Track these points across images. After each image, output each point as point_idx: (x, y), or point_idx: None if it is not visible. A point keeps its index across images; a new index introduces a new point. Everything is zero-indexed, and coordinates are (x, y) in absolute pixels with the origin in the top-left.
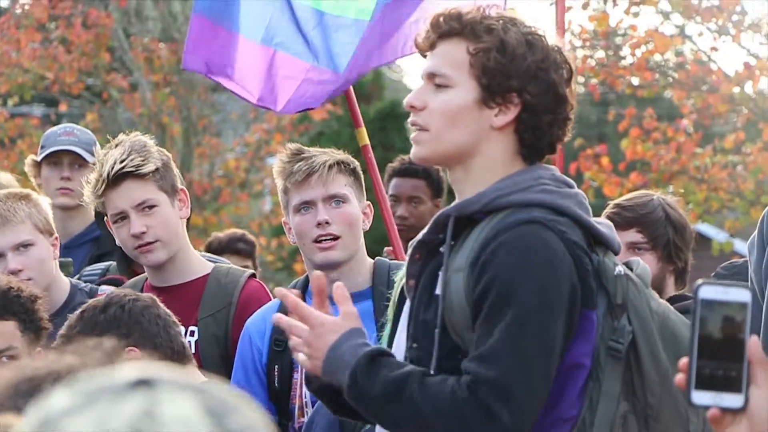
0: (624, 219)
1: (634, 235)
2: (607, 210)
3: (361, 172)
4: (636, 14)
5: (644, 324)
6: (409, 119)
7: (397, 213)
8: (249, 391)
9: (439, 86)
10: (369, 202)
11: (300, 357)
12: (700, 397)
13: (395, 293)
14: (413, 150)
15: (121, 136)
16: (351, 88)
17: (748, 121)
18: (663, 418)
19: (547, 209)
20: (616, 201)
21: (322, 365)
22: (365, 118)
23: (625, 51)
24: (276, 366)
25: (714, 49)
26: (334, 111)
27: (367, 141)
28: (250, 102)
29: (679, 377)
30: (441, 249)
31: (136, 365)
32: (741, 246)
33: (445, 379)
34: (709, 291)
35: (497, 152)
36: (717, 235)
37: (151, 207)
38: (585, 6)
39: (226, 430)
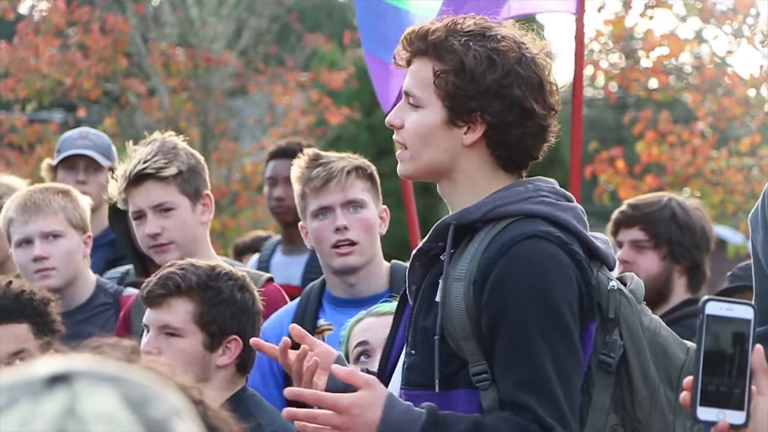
0: (628, 217)
1: (637, 233)
2: (618, 209)
3: (377, 177)
4: (651, 17)
5: (635, 339)
6: (393, 137)
7: (274, 194)
8: (265, 393)
9: (412, 105)
10: (385, 206)
11: None
12: (705, 413)
13: (399, 299)
14: (398, 167)
15: (156, 134)
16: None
17: (764, 124)
18: (688, 411)
19: (547, 221)
20: (629, 201)
21: None
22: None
23: (640, 54)
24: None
25: (729, 52)
26: (351, 115)
27: None
28: None
29: (684, 395)
30: (441, 257)
31: (50, 358)
32: None
33: (505, 421)
34: (714, 307)
35: (475, 168)
36: (733, 237)
37: (168, 209)
38: (600, 9)
39: (149, 419)
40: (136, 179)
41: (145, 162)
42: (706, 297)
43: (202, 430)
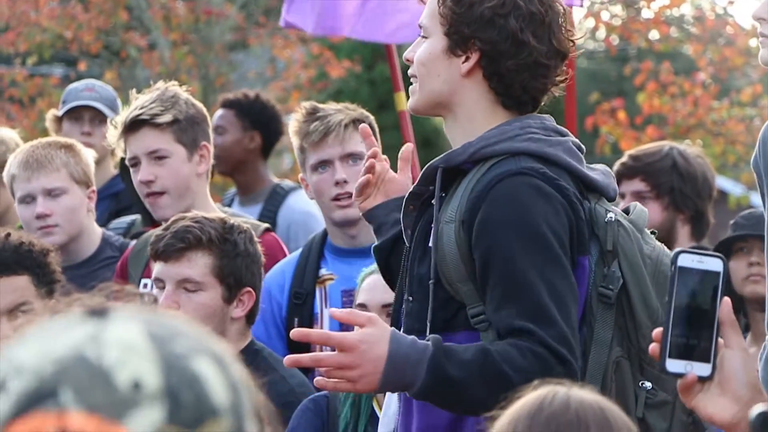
0: (629, 169)
1: (638, 184)
2: (619, 161)
3: (376, 128)
4: None
5: (635, 269)
6: (408, 72)
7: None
8: (268, 344)
9: (423, 37)
10: (385, 156)
11: (342, 386)
12: (673, 365)
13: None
14: (408, 102)
15: (160, 83)
16: (394, 47)
17: (765, 74)
18: (657, 363)
19: (534, 157)
20: (629, 152)
21: (381, 378)
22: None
23: (641, 5)
24: (296, 319)
25: (731, 2)
26: (352, 68)
27: (405, 107)
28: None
29: (653, 346)
30: (432, 201)
31: (93, 301)
32: (758, 199)
33: (511, 346)
34: (685, 260)
35: (473, 101)
36: (734, 188)
37: (162, 157)
38: None
39: (170, 352)
40: (132, 125)
41: (141, 108)
42: (678, 249)
43: (227, 375)
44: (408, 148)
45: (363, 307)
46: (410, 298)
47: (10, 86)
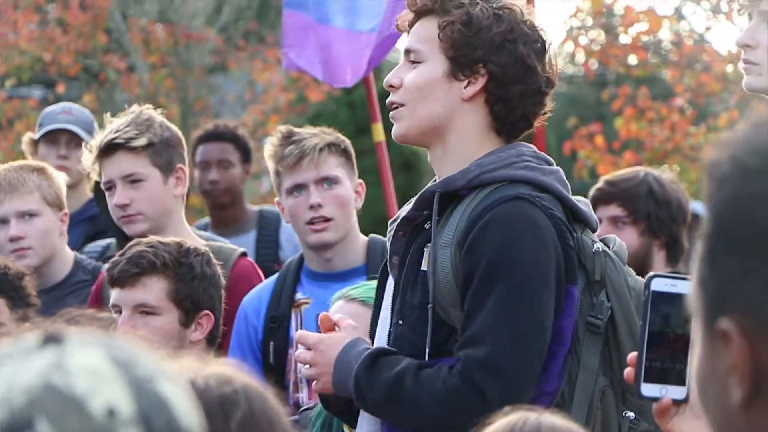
0: (606, 194)
1: (614, 210)
2: (595, 186)
3: (352, 151)
4: None
5: (622, 300)
6: (387, 99)
7: (208, 178)
8: (244, 368)
9: (413, 62)
10: (361, 181)
11: (315, 386)
12: (648, 389)
13: (379, 273)
14: (393, 129)
15: (135, 107)
16: (372, 78)
17: (742, 100)
18: (631, 387)
19: (531, 185)
20: (605, 177)
21: (331, 380)
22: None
23: (619, 30)
24: (271, 342)
25: (708, 28)
26: (331, 92)
27: (382, 138)
28: (335, 83)
29: (628, 371)
30: (426, 226)
31: (46, 327)
32: None
33: (439, 369)
34: (659, 283)
35: (470, 125)
36: None
37: (138, 180)
38: None
39: (134, 376)
40: (107, 149)
41: (116, 132)
42: (651, 273)
43: (187, 393)
44: (323, 316)
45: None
46: (400, 322)
47: None
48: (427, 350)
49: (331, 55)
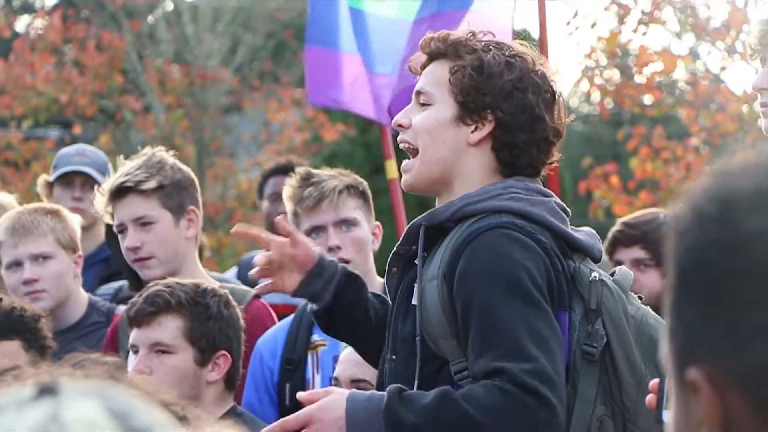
0: (628, 237)
1: (637, 252)
2: (614, 228)
3: (369, 193)
4: (644, 33)
5: (619, 328)
6: (398, 138)
7: (279, 210)
8: (260, 410)
9: (423, 104)
10: (378, 222)
11: None
12: (669, 416)
13: None
14: (402, 180)
15: (147, 149)
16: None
17: (758, 140)
18: (640, 421)
19: (516, 215)
20: (623, 219)
21: None
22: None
23: (634, 70)
24: (287, 384)
25: (723, 68)
26: (346, 132)
27: (395, 174)
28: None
29: (650, 397)
30: (416, 261)
31: (41, 375)
32: None
33: (478, 386)
34: None
35: (475, 170)
36: None
37: (148, 223)
38: (593, 26)
39: (131, 428)
40: (118, 192)
41: (126, 175)
42: None
43: None
44: (279, 219)
45: (335, 380)
46: (393, 357)
47: (6, 149)
48: (416, 382)
49: (358, 88)
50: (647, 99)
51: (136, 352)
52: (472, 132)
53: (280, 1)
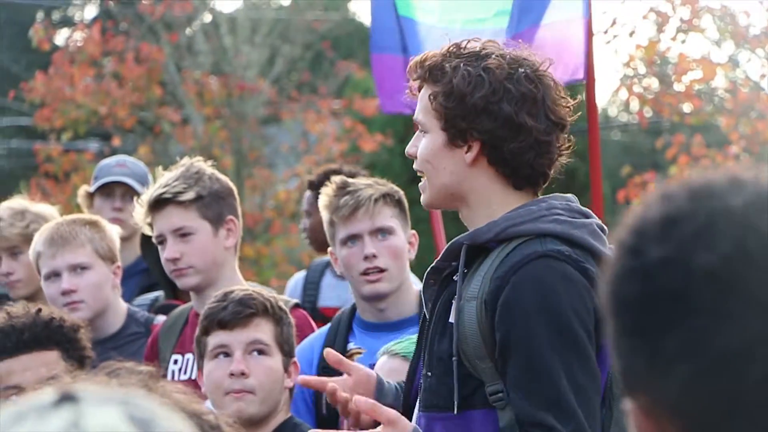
0: None
1: None
2: None
3: (405, 202)
4: (683, 41)
5: None
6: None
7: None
8: None
9: (422, 132)
10: (414, 231)
11: None
12: None
13: (420, 323)
14: (421, 198)
15: (185, 159)
16: None
17: None
18: None
19: (559, 239)
20: None
21: None
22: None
23: (673, 78)
24: (324, 394)
25: (763, 75)
26: (384, 142)
27: None
28: None
29: None
30: (454, 278)
31: (61, 383)
32: None
33: None
34: None
35: (485, 186)
36: None
37: (187, 234)
38: (632, 34)
39: None
40: (157, 204)
41: (164, 186)
42: None
43: None
44: (328, 353)
45: None
46: (429, 374)
47: (46, 162)
48: (456, 404)
49: None
50: (686, 107)
51: (224, 354)
52: (466, 153)
53: (318, 12)
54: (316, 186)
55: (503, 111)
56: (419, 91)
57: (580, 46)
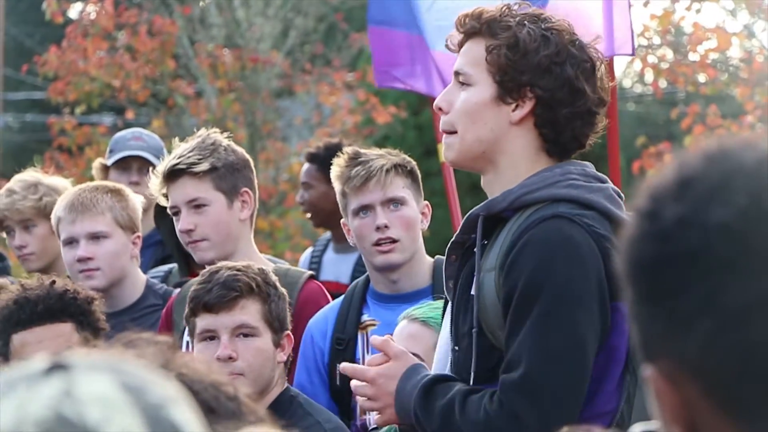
0: None
1: None
2: None
3: (418, 173)
4: (698, 11)
5: None
6: (440, 124)
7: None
8: (311, 391)
9: (462, 84)
10: (427, 202)
11: (376, 419)
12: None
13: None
14: (444, 155)
15: (202, 131)
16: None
17: None
18: None
19: (574, 204)
20: None
21: (396, 413)
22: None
23: (688, 48)
24: (338, 364)
25: None
26: (398, 114)
27: None
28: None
29: None
30: (475, 250)
31: (51, 354)
32: None
33: (482, 395)
34: None
35: (520, 148)
36: None
37: (201, 205)
38: (646, 4)
39: (146, 403)
40: (171, 175)
41: (179, 157)
42: None
43: (199, 417)
44: (376, 339)
45: None
46: (456, 348)
47: (59, 135)
48: (472, 375)
49: (420, 66)
50: (701, 77)
51: (209, 338)
52: (513, 111)
53: None
54: (314, 159)
55: (566, 73)
56: (461, 45)
57: (626, 20)
